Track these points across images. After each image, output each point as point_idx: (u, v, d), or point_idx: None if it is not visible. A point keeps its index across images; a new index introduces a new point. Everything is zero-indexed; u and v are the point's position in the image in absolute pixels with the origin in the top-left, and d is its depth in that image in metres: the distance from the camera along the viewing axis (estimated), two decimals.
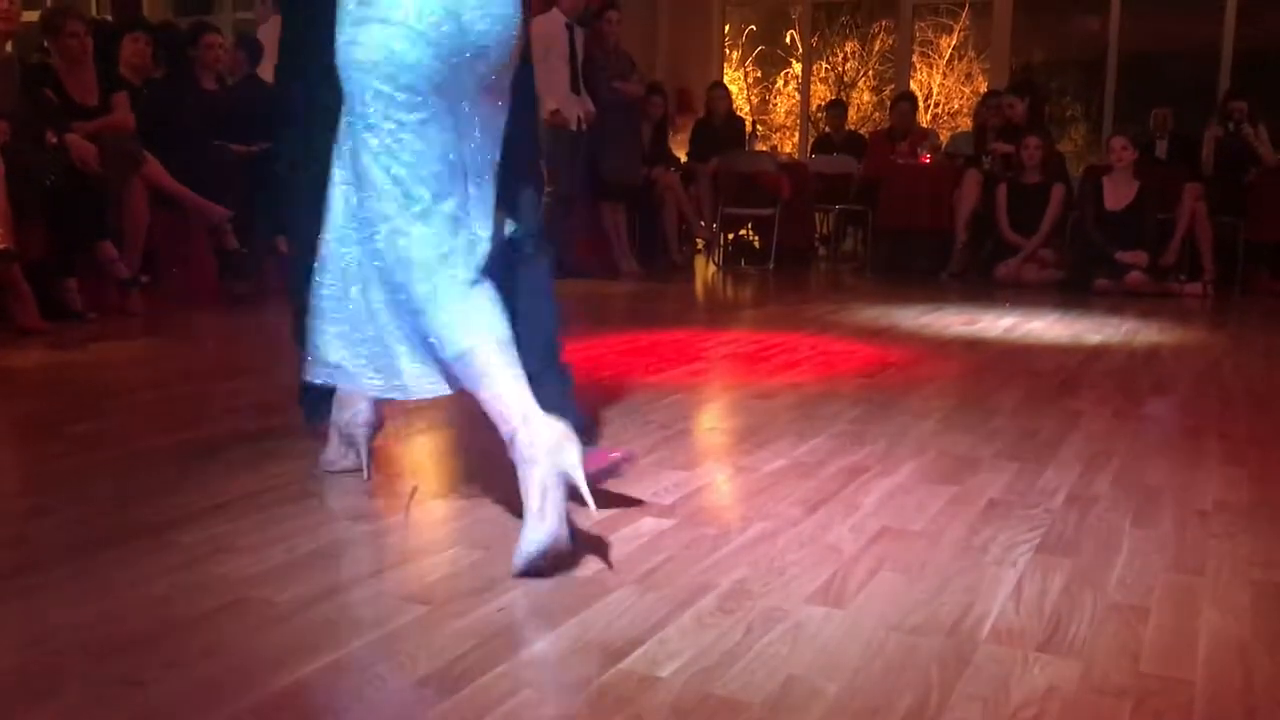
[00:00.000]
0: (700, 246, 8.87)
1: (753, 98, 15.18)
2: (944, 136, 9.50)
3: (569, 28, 6.93)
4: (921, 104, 11.77)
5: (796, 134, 10.77)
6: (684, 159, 8.63)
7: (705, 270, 8.35)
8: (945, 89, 14.69)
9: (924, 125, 9.75)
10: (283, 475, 2.39)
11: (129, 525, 2.02)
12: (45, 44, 5.22)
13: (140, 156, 4.98)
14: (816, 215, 8.94)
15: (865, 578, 1.84)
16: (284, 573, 1.80)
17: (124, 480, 2.33)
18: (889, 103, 9.41)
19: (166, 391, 2.94)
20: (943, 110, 14.37)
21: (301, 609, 1.65)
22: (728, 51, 12.01)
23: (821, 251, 9.18)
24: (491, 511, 2.14)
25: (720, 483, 2.41)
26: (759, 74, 15.70)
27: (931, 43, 13.86)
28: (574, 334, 4.69)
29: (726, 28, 10.97)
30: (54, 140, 4.65)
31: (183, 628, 1.58)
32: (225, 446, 2.60)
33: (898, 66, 10.13)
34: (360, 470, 2.34)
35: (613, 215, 7.52)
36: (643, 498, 2.25)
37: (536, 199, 2.37)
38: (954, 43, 13.99)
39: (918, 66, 12.83)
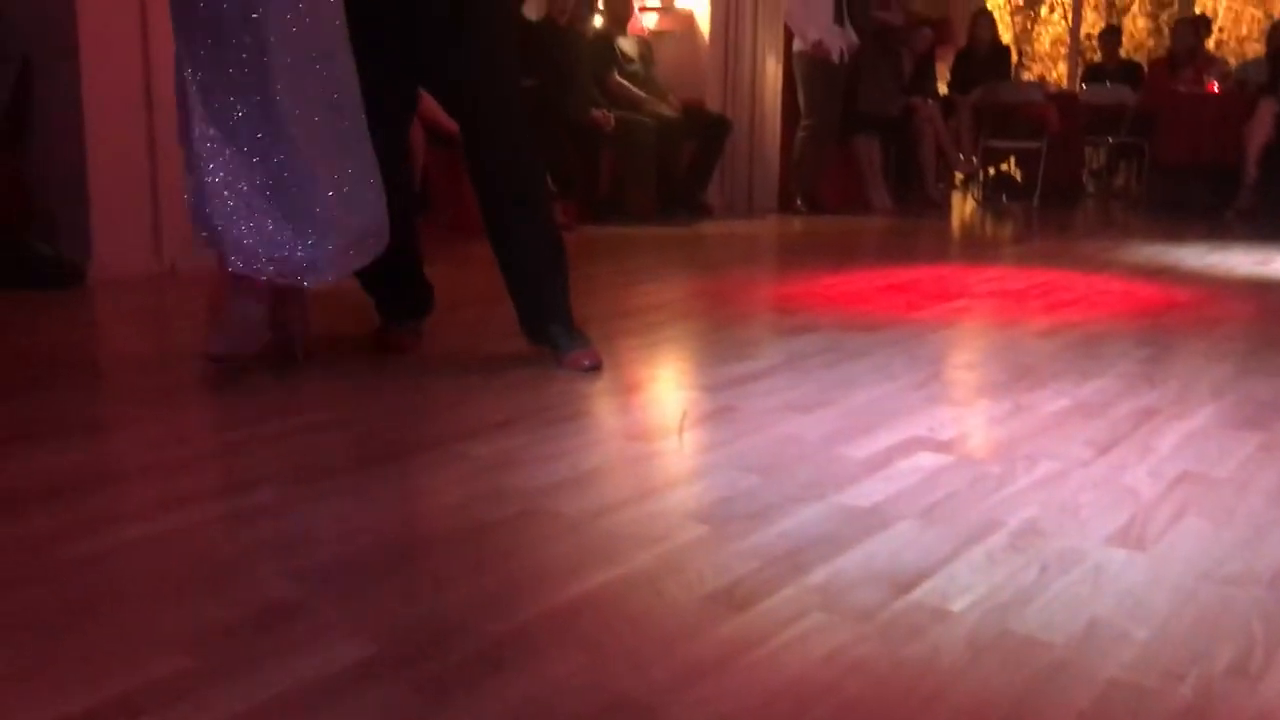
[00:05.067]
0: (959, 181, 8.55)
1: (1015, 26, 14.44)
2: (1232, 63, 8.76)
3: None
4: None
5: (1062, 64, 10.17)
6: (944, 90, 8.31)
7: (964, 206, 8.04)
8: (1232, 12, 13.53)
9: (1210, 51, 9.01)
10: (559, 395, 2.46)
11: (423, 438, 2.13)
12: None
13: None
14: (1086, 149, 8.44)
15: (1168, 522, 1.72)
16: (569, 486, 1.86)
17: (416, 396, 2.46)
18: (1167, 29, 8.74)
19: (450, 316, 3.07)
20: (1229, 36, 13.27)
21: (588, 521, 1.70)
22: None
23: (1091, 187, 8.68)
24: (763, 438, 2.13)
25: (999, 420, 2.31)
26: (1020, 2, 14.90)
27: None
28: (829, 268, 4.64)
29: None
30: None
31: (480, 532, 1.65)
32: (505, 367, 2.69)
33: None
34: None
35: (867, 149, 7.34)
36: (918, 432, 2.19)
37: None
38: None
39: None
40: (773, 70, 7.11)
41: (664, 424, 2.30)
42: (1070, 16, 10.59)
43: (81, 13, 3.78)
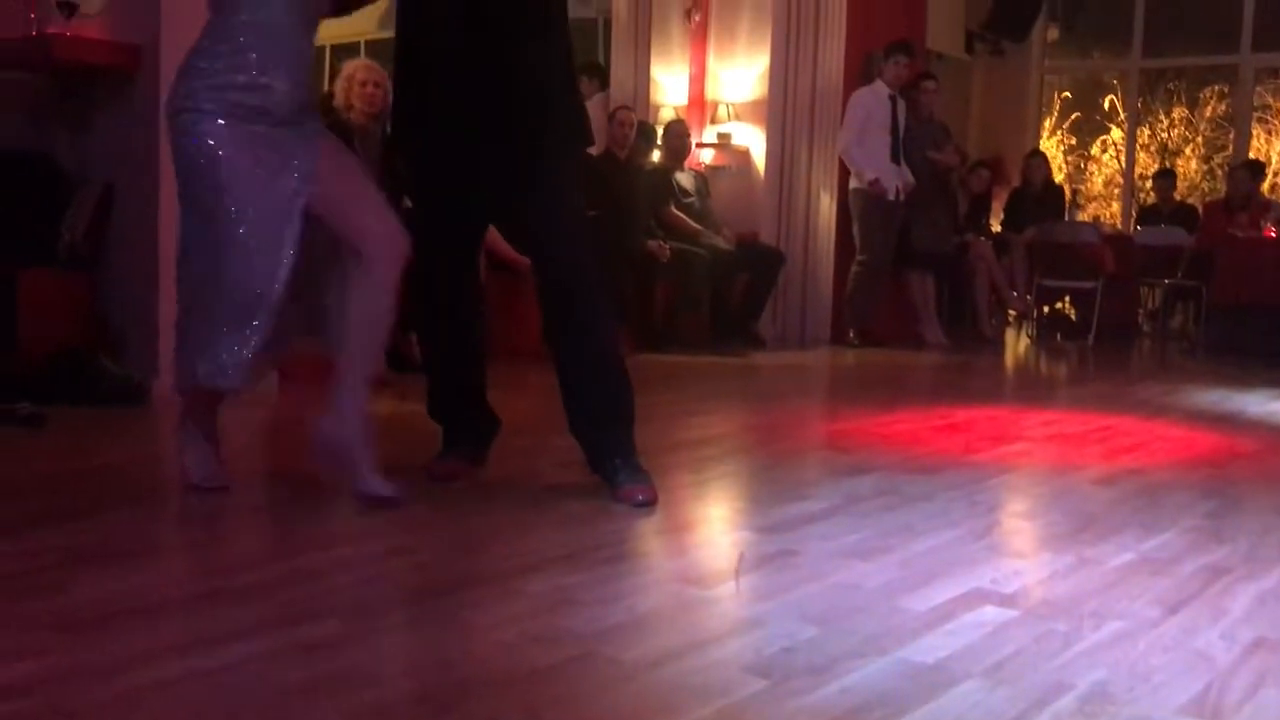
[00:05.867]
0: (1012, 319, 8.54)
1: (1067, 165, 14.58)
2: None
3: (892, 99, 6.91)
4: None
5: (1114, 203, 10.23)
6: (997, 229, 8.36)
7: (1018, 344, 8.02)
8: None
9: (1265, 195, 9.02)
10: (615, 532, 2.45)
11: (480, 571, 2.12)
12: None
13: None
14: (1142, 290, 8.41)
15: (1245, 693, 1.67)
16: (625, 631, 1.83)
17: (474, 526, 2.46)
18: (1220, 171, 8.79)
19: (508, 442, 3.09)
20: None
21: (645, 670, 1.67)
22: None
23: (1146, 328, 8.63)
24: (822, 586, 2.10)
25: (1063, 574, 2.27)
26: (1073, 141, 15.07)
27: (1270, 107, 12.88)
28: (883, 404, 4.62)
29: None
30: (408, 206, 5.02)
31: (536, 677, 1.63)
32: (562, 498, 2.69)
33: (1235, 133, 9.45)
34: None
35: (920, 284, 7.37)
36: (980, 584, 2.15)
37: None
38: None
39: (1255, 133, 11.92)
40: (826, 205, 7.21)
41: (720, 567, 2.28)
42: (1123, 157, 10.69)
43: (164, 141, 3.93)
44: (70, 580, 1.99)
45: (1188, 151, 14.48)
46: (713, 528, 2.69)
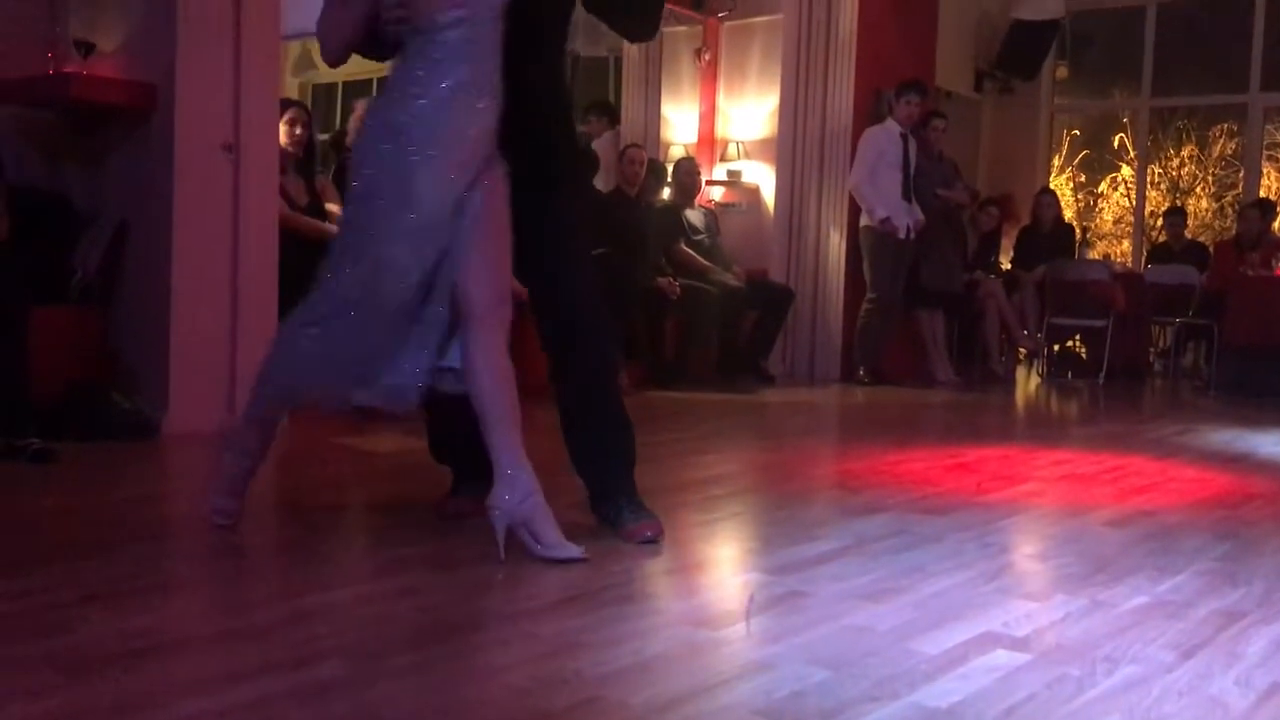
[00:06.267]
0: (1022, 357, 8.52)
1: (1077, 203, 14.60)
2: None
3: (904, 137, 6.94)
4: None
5: (1125, 241, 10.24)
6: (1007, 266, 8.36)
7: (1027, 382, 8.00)
8: None
9: (1277, 234, 9.01)
10: (623, 573, 2.43)
11: (488, 612, 2.11)
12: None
13: None
14: (1153, 328, 8.39)
15: None
16: (633, 674, 1.82)
17: (482, 567, 2.44)
18: (1230, 210, 8.79)
19: None
20: None
21: (654, 714, 1.66)
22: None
23: (1158, 367, 8.60)
24: (833, 629, 2.09)
25: (1076, 617, 2.25)
26: (1082, 179, 15.09)
27: None
28: (894, 443, 4.61)
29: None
30: None
31: None
32: (568, 538, 2.67)
33: (1245, 172, 9.46)
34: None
35: (930, 322, 7.37)
36: (992, 627, 2.13)
37: None
38: None
39: (1266, 171, 11.93)
40: (836, 242, 7.23)
41: (729, 609, 2.26)
42: (1133, 195, 10.70)
43: (179, 179, 3.96)
44: (76, 619, 1.98)
45: (1198, 190, 14.49)
46: (722, 569, 2.67)
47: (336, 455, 3.96)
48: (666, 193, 6.98)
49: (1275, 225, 8.09)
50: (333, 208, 4.91)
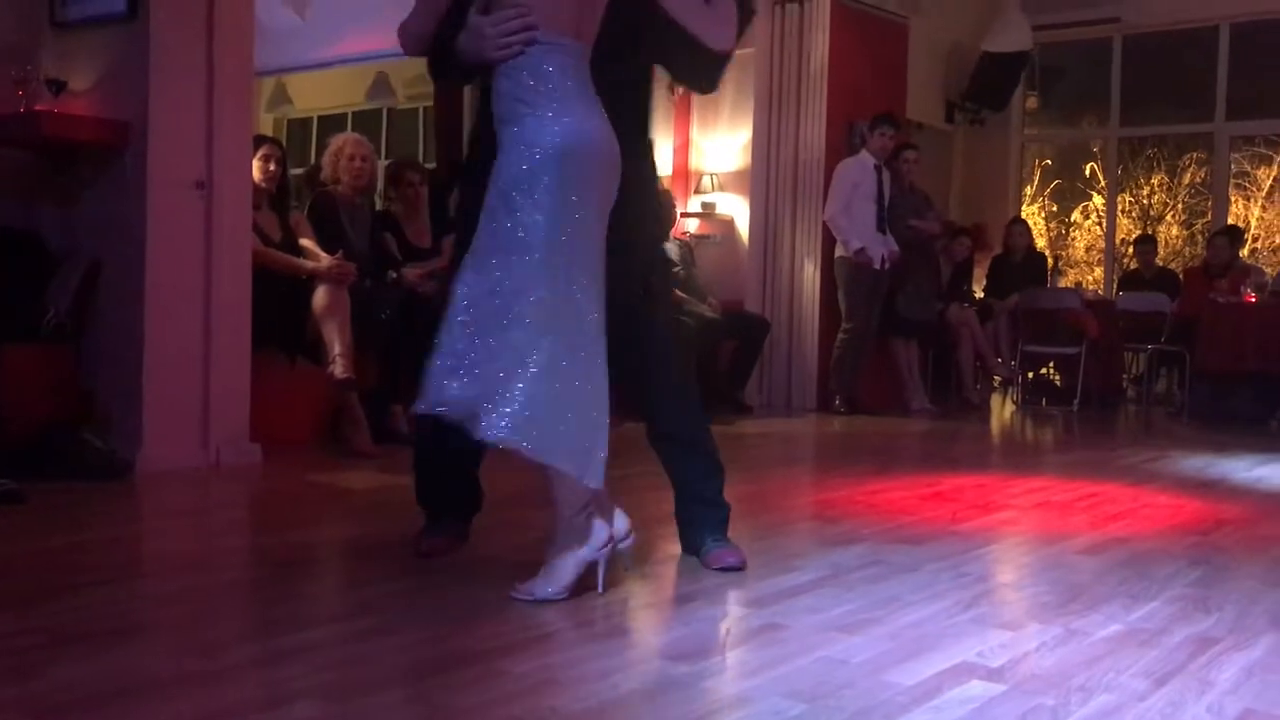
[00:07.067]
0: (997, 385, 8.57)
1: (1049, 231, 14.73)
2: (1268, 273, 8.85)
3: (877, 169, 7.00)
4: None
5: (1097, 269, 10.34)
6: (980, 295, 8.43)
7: (1002, 410, 8.04)
8: (1265, 223, 13.77)
9: (1245, 260, 9.12)
10: (600, 608, 2.43)
11: (465, 650, 2.10)
12: (389, 193, 5.72)
13: None
14: (1126, 355, 8.46)
15: None
16: (612, 711, 1.81)
17: (457, 602, 2.44)
18: (1200, 237, 8.89)
19: (495, 515, 3.07)
20: (1263, 246, 13.46)
21: None
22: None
23: (1131, 393, 8.67)
24: (809, 661, 2.09)
25: (1050, 646, 2.25)
26: (1054, 208, 15.24)
27: (1248, 174, 13.08)
28: (869, 472, 4.62)
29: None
30: (394, 278, 5.06)
31: None
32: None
33: (1213, 200, 9.58)
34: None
35: (905, 352, 7.41)
36: (967, 657, 2.13)
37: None
38: (1274, 174, 13.15)
39: (1233, 199, 12.09)
40: (810, 273, 7.27)
41: (705, 643, 2.26)
42: (1104, 223, 10.81)
43: (152, 216, 3.95)
44: (47, 663, 1.96)
45: (1169, 217, 14.65)
46: (698, 601, 2.66)
47: (311, 493, 3.94)
48: None
49: (1243, 252, 8.19)
50: (306, 243, 4.90)
